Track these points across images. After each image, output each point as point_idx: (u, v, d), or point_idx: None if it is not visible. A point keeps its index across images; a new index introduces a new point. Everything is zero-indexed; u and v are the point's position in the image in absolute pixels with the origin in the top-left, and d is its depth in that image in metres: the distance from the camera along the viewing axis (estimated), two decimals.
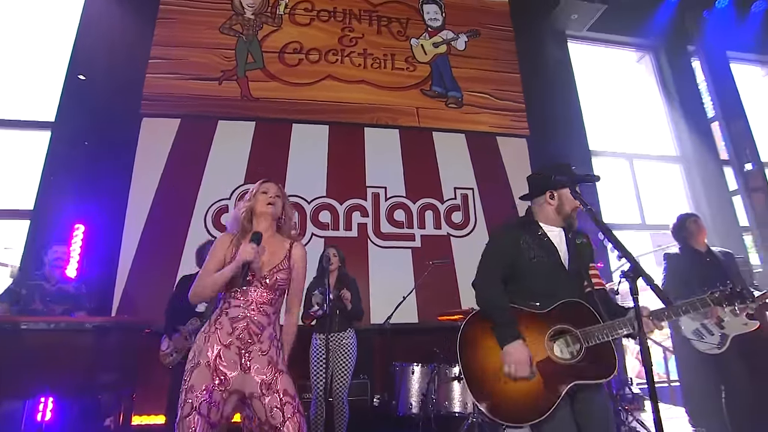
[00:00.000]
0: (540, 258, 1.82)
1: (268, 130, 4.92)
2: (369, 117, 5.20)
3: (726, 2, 6.59)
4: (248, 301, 1.81)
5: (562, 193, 2.00)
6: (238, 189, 4.66)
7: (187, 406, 1.64)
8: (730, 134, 6.24)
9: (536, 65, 5.85)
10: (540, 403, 1.55)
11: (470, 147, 5.35)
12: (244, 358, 1.74)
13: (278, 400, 1.69)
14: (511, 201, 5.24)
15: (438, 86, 5.51)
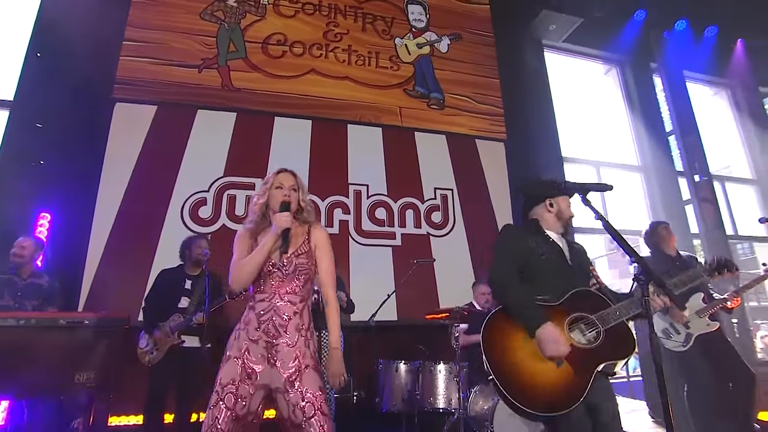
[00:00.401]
0: (549, 255, 1.93)
1: (250, 121, 4.81)
2: (352, 114, 5.19)
3: (684, 25, 7.06)
4: (272, 293, 1.81)
5: (560, 201, 2.12)
6: (217, 181, 4.54)
7: (214, 397, 1.67)
8: (685, 147, 6.73)
9: (515, 72, 6.05)
10: (573, 389, 1.63)
11: (450, 148, 5.47)
12: (271, 351, 1.75)
13: (301, 397, 1.69)
14: (489, 203, 5.41)
15: (421, 87, 5.59)
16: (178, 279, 3.35)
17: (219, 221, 4.44)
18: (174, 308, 3.25)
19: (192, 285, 3.36)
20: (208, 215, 4.42)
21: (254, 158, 4.71)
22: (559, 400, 1.61)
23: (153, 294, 3.35)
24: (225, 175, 4.58)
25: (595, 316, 1.77)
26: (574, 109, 6.91)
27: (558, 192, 2.14)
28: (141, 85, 4.61)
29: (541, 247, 1.94)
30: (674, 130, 6.87)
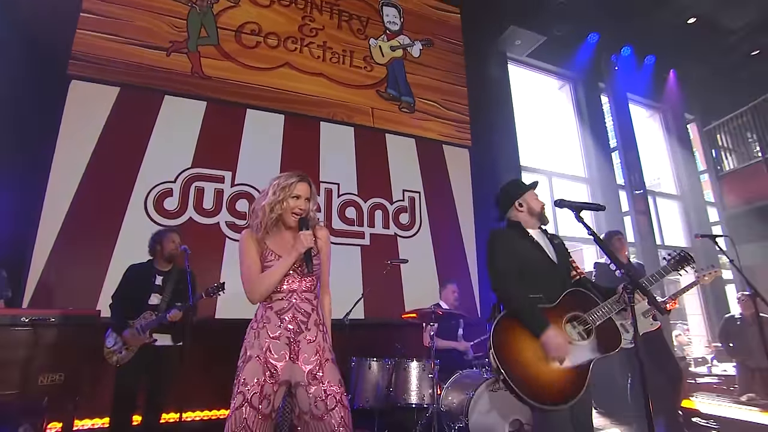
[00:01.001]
0: (537, 258, 2.09)
1: (221, 112, 4.68)
2: (326, 111, 5.20)
3: (628, 51, 7.76)
4: (289, 292, 1.86)
5: (526, 198, 2.26)
6: (184, 172, 4.37)
7: (239, 398, 1.69)
8: (626, 163, 7.41)
9: (480, 81, 6.34)
10: (576, 381, 1.84)
11: (419, 152, 5.65)
12: (292, 347, 1.80)
13: (322, 390, 1.76)
14: (453, 207, 5.66)
15: (393, 89, 5.70)
16: (148, 275, 3.23)
17: (186, 214, 4.29)
18: (144, 305, 3.14)
19: (163, 281, 3.25)
20: (174, 207, 4.26)
21: (224, 150, 4.59)
22: (562, 393, 1.81)
23: (121, 291, 3.19)
24: (193, 166, 4.43)
25: (587, 314, 2.00)
26: (531, 121, 7.36)
27: (521, 190, 2.29)
28: (101, 63, 4.32)
29: (529, 251, 2.10)
30: (618, 146, 7.54)
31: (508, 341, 1.89)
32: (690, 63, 8.34)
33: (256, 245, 1.91)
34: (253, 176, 4.62)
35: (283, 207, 1.93)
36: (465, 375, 3.47)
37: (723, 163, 8.57)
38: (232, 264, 4.21)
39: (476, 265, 5.54)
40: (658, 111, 8.97)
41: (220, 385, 3.83)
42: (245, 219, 4.47)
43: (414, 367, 3.47)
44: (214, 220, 4.37)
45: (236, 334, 3.94)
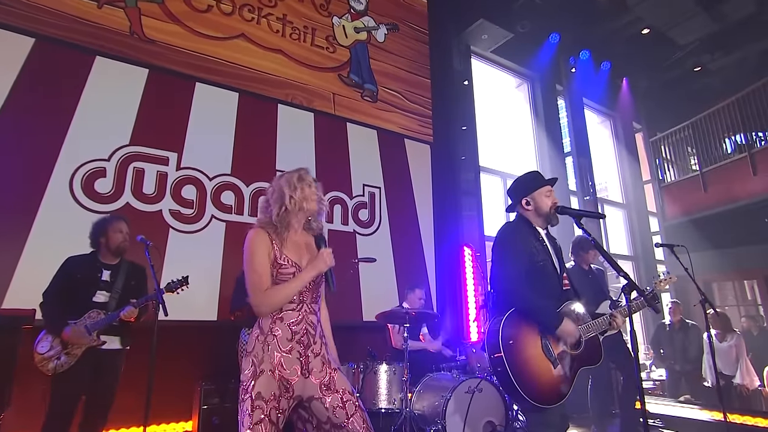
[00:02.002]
0: (545, 262, 2.39)
1: (165, 83, 4.65)
2: (283, 93, 5.35)
3: (587, 55, 8.74)
4: (301, 303, 1.98)
5: (535, 196, 2.47)
6: (121, 150, 4.31)
7: (257, 413, 1.77)
8: (579, 169, 8.35)
9: (444, 74, 6.84)
10: (564, 386, 2.24)
11: (381, 145, 6.00)
12: (303, 362, 1.92)
13: (339, 399, 1.92)
14: (413, 206, 6.09)
15: (356, 75, 5.98)
16: (93, 269, 3.21)
17: (122, 199, 4.23)
18: (88, 304, 3.11)
19: (111, 276, 3.24)
20: (107, 190, 4.19)
21: (169, 127, 4.58)
22: (552, 395, 2.21)
23: (57, 287, 3.10)
24: (132, 143, 4.37)
25: (580, 327, 2.39)
26: (489, 119, 8.01)
27: (533, 186, 2.49)
28: (9, 5, 4.07)
29: (539, 253, 2.39)
30: (571, 151, 8.47)
31: (513, 339, 2.24)
32: (641, 73, 9.58)
33: (267, 247, 1.95)
34: (202, 159, 4.66)
35: (306, 204, 2.03)
36: (435, 378, 3.89)
37: (666, 175, 9.93)
38: (177, 259, 4.25)
39: (434, 267, 6.03)
40: (609, 118, 10.15)
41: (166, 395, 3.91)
42: (192, 208, 4.53)
43: (383, 371, 3.81)
44: (156, 207, 4.37)
45: (183, 337, 4.06)
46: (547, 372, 2.23)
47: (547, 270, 2.41)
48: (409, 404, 3.64)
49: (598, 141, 9.98)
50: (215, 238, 4.60)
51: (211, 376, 4.03)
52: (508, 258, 2.35)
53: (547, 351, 2.26)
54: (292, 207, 2.01)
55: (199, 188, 4.61)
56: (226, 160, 4.83)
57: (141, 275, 3.42)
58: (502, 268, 2.36)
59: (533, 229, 2.48)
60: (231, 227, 4.69)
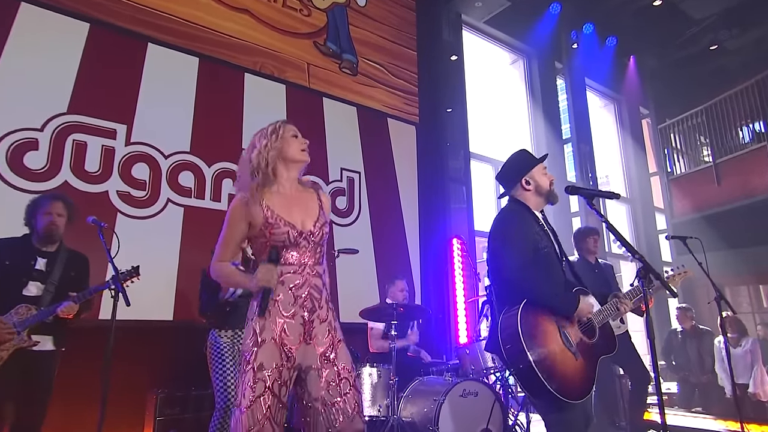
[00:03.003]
0: (549, 249, 2.49)
1: (110, 42, 4.58)
2: (251, 61, 5.35)
3: (591, 29, 8.98)
4: (302, 265, 2.06)
5: (534, 174, 2.55)
6: (57, 119, 4.23)
7: (259, 385, 1.87)
8: (579, 157, 8.58)
9: (432, 46, 6.94)
10: (586, 380, 2.32)
11: (361, 124, 6.06)
12: (307, 327, 2.02)
13: (336, 374, 2.01)
14: (396, 193, 6.16)
15: (333, 43, 6.02)
16: (25, 256, 3.12)
17: (59, 176, 4.15)
18: (16, 297, 3.02)
19: (48, 265, 3.16)
20: (40, 166, 4.10)
21: (116, 95, 4.52)
22: (579, 389, 2.28)
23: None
24: (70, 111, 4.29)
25: (593, 314, 2.48)
26: (480, 100, 8.15)
27: (529, 165, 2.58)
28: None
29: (542, 238, 2.48)
30: (571, 137, 8.69)
31: (533, 333, 2.29)
32: (650, 51, 9.87)
33: (247, 215, 2.05)
34: (156, 134, 4.63)
35: (283, 148, 2.12)
36: (425, 382, 3.96)
37: (675, 166, 10.26)
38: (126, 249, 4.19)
39: (418, 260, 6.14)
40: (614, 101, 10.44)
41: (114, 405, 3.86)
42: (144, 189, 4.49)
43: (367, 374, 3.86)
44: (101, 187, 4.31)
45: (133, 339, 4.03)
46: (571, 364, 2.31)
47: (551, 257, 2.50)
48: (397, 411, 3.70)
49: (601, 127, 10.26)
50: (172, 225, 4.58)
51: (169, 382, 4.01)
52: (512, 246, 2.42)
53: (567, 341, 2.35)
54: (270, 156, 2.10)
55: (153, 167, 4.57)
56: (184, 136, 4.80)
57: (82, 265, 3.37)
58: (505, 258, 2.43)
59: (532, 213, 2.57)
60: (190, 213, 4.67)
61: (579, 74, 9.09)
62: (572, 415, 2.32)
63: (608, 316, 2.56)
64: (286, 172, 2.16)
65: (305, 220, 2.10)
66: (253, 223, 2.06)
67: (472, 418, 3.62)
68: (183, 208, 4.65)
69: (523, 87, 8.75)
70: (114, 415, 3.84)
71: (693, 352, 6.55)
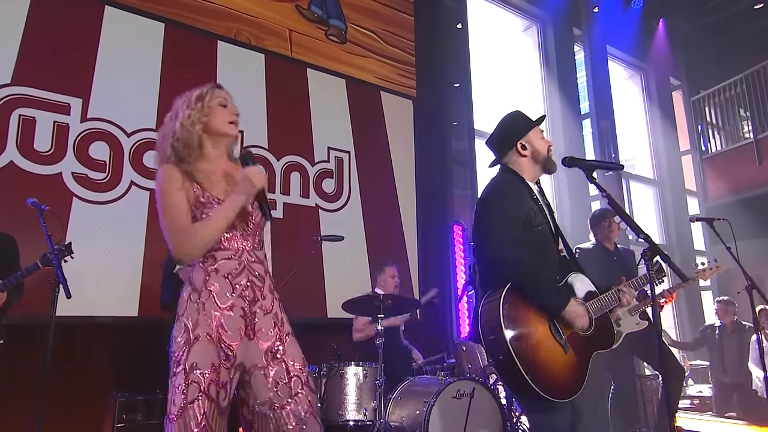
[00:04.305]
0: (543, 226, 2.40)
1: (63, 3, 4.50)
2: (224, 27, 5.25)
3: None
4: (239, 250, 1.99)
5: (531, 137, 2.48)
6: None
7: (192, 389, 1.78)
8: (599, 134, 8.42)
9: (432, 12, 6.79)
10: (577, 375, 2.22)
11: (350, 98, 5.95)
12: (248, 320, 1.94)
13: (285, 371, 1.95)
14: (391, 175, 6.06)
15: (318, 7, 5.90)
16: None
17: (3, 156, 4.07)
18: None
19: None
20: None
21: (70, 64, 4.43)
22: (567, 387, 2.18)
23: None
24: (14, 83, 4.18)
25: (588, 304, 2.37)
26: (487, 71, 8.00)
27: (525, 127, 2.50)
28: None
29: (536, 214, 2.39)
30: (590, 113, 8.52)
31: (517, 321, 2.20)
32: (681, 14, 9.65)
33: (179, 183, 1.95)
34: (116, 109, 4.54)
35: (208, 120, 2.03)
36: (417, 382, 3.88)
37: (710, 143, 10.03)
38: (84, 237, 4.13)
39: (415, 246, 6.07)
40: (640, 72, 10.24)
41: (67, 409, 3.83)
42: (104, 171, 4.42)
43: (352, 374, 3.78)
44: (54, 169, 4.23)
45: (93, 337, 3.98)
46: (559, 358, 2.21)
47: (544, 236, 2.42)
48: (384, 414, 3.61)
49: (625, 100, 10.08)
50: (136, 210, 4.49)
51: (131, 385, 3.94)
52: (499, 222, 2.33)
53: (555, 332, 2.25)
54: (195, 129, 2.01)
55: (114, 146, 4.49)
56: (149, 111, 4.72)
57: (9, 247, 3.39)
58: (491, 235, 2.33)
59: (526, 185, 2.47)
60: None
61: (600, 42, 8.91)
62: (559, 416, 2.22)
63: (606, 306, 2.43)
64: (213, 149, 2.06)
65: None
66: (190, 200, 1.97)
67: (468, 423, 3.52)
68: (149, 191, 4.56)
69: (537, 57, 8.59)
70: (67, 421, 3.82)
71: (731, 350, 6.42)
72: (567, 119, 8.16)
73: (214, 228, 1.91)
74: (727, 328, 6.51)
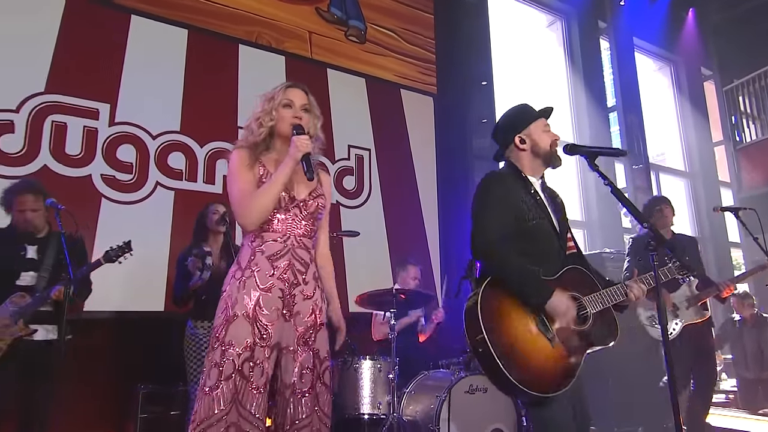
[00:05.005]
0: (539, 220, 2.32)
1: (91, 15, 4.61)
2: (246, 31, 5.33)
3: None
4: (286, 234, 2.05)
5: (531, 130, 2.39)
6: (34, 99, 4.29)
7: (228, 366, 1.85)
8: (626, 127, 8.22)
9: (452, 9, 6.73)
10: (566, 370, 2.14)
11: (370, 97, 5.97)
12: (287, 303, 1.99)
13: (311, 360, 2.00)
14: (411, 172, 6.05)
15: (337, 8, 5.93)
16: (11, 247, 3.23)
17: (38, 160, 4.22)
18: (10, 288, 3.14)
19: (38, 252, 3.27)
20: (17, 149, 4.17)
21: (97, 72, 4.56)
22: (551, 381, 2.11)
23: None
24: (48, 91, 4.34)
25: (586, 298, 2.28)
26: (511, 67, 7.89)
27: (526, 120, 2.41)
28: None
29: (531, 209, 2.32)
30: (617, 106, 8.33)
31: (496, 312, 2.16)
32: (712, 3, 9.30)
33: (250, 166, 2.08)
34: (142, 113, 4.66)
35: (273, 118, 2.11)
36: (431, 376, 3.87)
37: (744, 133, 9.69)
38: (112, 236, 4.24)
39: (438, 243, 6.03)
40: (670, 63, 9.94)
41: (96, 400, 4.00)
42: (131, 172, 4.54)
43: (366, 368, 3.79)
44: (84, 171, 4.37)
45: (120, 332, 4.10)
46: (542, 351, 2.15)
47: (541, 231, 2.34)
48: (398, 408, 3.61)
49: (655, 93, 9.82)
50: (161, 209, 4.61)
51: (155, 377, 4.05)
52: (488, 217, 2.28)
53: (542, 325, 2.19)
54: (258, 127, 2.12)
55: (140, 148, 4.61)
56: (173, 114, 4.82)
57: (77, 247, 3.44)
58: (477, 228, 2.28)
59: (523, 180, 2.41)
60: (181, 197, 4.70)
61: (626, 35, 8.67)
62: (554, 412, 2.14)
63: (610, 301, 2.32)
64: (280, 143, 2.15)
65: (300, 188, 2.11)
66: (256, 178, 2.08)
67: (480, 417, 3.51)
68: (173, 191, 4.68)
69: (561, 52, 8.43)
70: (94, 411, 3.96)
71: (752, 344, 6.22)
72: (593, 114, 7.99)
73: (266, 193, 1.99)
74: (747, 322, 6.33)
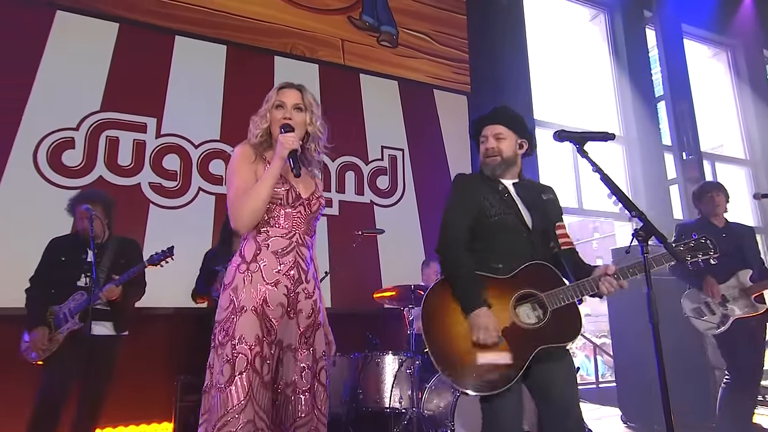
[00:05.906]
0: (501, 216, 2.31)
1: (139, 39, 4.94)
2: (281, 43, 5.52)
3: None
4: (291, 231, 2.03)
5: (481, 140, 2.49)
6: (91, 117, 4.64)
7: (240, 361, 1.81)
8: (675, 117, 7.87)
9: (485, 7, 6.69)
10: (508, 370, 2.12)
11: (403, 98, 6.02)
12: (291, 300, 1.98)
13: (311, 358, 2.00)
14: (446, 170, 6.06)
15: (369, 16, 6.03)
16: (75, 250, 3.49)
17: (94, 172, 4.57)
18: (73, 288, 3.40)
19: (97, 256, 3.46)
20: (77, 163, 4.54)
21: (146, 89, 4.88)
22: (493, 380, 2.11)
23: (40, 273, 3.43)
24: (103, 109, 4.71)
25: (545, 294, 2.23)
26: (551, 61, 7.74)
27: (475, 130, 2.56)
28: None
29: (494, 206, 2.33)
30: (665, 96, 7.98)
31: (440, 311, 2.22)
32: None
33: (251, 164, 2.05)
34: (185, 124, 4.94)
35: (267, 120, 2.12)
36: None
37: None
38: (159, 238, 4.54)
39: None
40: (726, 49, 9.39)
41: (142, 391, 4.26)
42: (175, 180, 4.82)
43: (389, 362, 3.85)
44: (134, 180, 4.69)
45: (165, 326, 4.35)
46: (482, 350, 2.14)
47: (503, 226, 2.33)
48: (419, 404, 3.64)
49: (711, 81, 9.32)
50: (203, 213, 4.86)
51: (192, 368, 4.27)
52: (447, 213, 2.37)
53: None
54: (255, 129, 2.14)
55: (183, 157, 4.88)
56: (213, 125, 5.07)
57: (133, 251, 3.72)
58: (441, 222, 2.36)
59: (491, 180, 2.42)
60: (222, 201, 4.90)
61: (674, 21, 8.30)
62: (499, 405, 2.16)
63: (573, 297, 2.23)
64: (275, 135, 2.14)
65: (302, 188, 2.11)
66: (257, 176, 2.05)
67: None
68: (214, 196, 4.92)
69: (605, 45, 8.17)
70: (140, 400, 4.24)
71: None
72: (638, 104, 7.70)
73: (256, 195, 1.93)
74: None
